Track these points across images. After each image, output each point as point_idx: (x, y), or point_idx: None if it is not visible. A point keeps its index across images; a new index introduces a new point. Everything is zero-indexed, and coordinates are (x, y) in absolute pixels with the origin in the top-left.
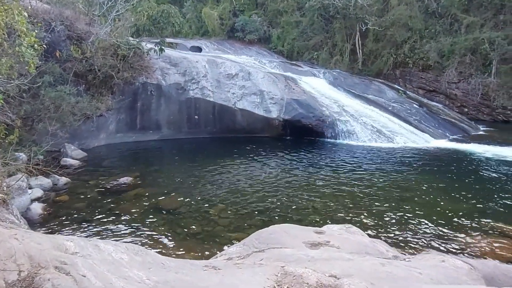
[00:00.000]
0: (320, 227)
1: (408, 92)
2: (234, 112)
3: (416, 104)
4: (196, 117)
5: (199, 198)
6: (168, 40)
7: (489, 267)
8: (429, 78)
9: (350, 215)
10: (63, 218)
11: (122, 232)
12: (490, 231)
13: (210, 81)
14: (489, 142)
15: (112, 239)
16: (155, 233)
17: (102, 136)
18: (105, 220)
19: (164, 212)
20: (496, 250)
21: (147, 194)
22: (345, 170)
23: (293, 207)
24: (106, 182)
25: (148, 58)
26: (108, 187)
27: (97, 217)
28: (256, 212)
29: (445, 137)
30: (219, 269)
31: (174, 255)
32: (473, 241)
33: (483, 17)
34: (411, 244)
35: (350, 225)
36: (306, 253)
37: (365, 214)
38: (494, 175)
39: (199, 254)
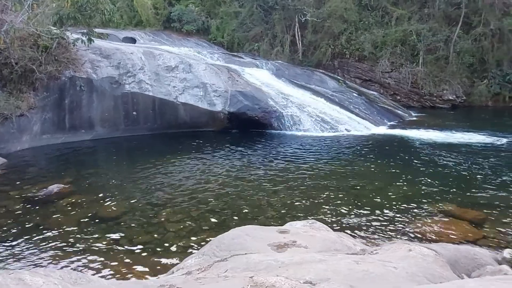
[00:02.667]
0: (279, 224)
1: (347, 81)
2: (176, 106)
3: (355, 93)
4: (134, 113)
5: (143, 202)
6: (98, 30)
7: (451, 251)
8: (364, 68)
9: (307, 208)
10: None
11: (55, 253)
12: (439, 213)
13: (148, 74)
14: (423, 127)
15: (43, 263)
16: (96, 249)
17: (25, 139)
18: (33, 239)
19: (105, 222)
20: (449, 231)
21: (82, 202)
22: (294, 162)
23: (248, 204)
24: (32, 192)
25: (75, 50)
26: (34, 197)
27: (22, 236)
28: (210, 213)
29: (384, 124)
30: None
31: (121, 275)
32: (426, 224)
33: (410, 10)
34: (372, 234)
35: (313, 220)
36: (275, 258)
37: (321, 206)
38: (432, 157)
39: (151, 268)
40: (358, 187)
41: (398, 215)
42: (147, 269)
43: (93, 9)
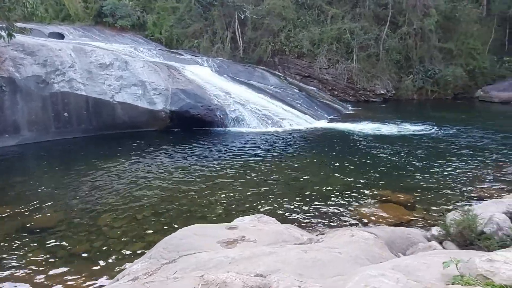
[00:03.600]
0: (227, 220)
1: (288, 78)
2: (113, 106)
3: (296, 89)
4: (65, 114)
5: (81, 209)
6: (19, 24)
7: (388, 233)
8: (303, 65)
9: (254, 203)
10: None
11: None
12: (376, 199)
13: (79, 72)
14: (359, 120)
15: None
16: (30, 263)
17: None
18: None
19: (38, 233)
20: (385, 215)
21: (10, 213)
22: (239, 159)
23: (194, 203)
24: None
25: None
26: None
27: None
28: (155, 216)
29: (324, 118)
30: None
31: None
32: (366, 210)
33: (343, 10)
34: (317, 223)
35: (261, 214)
36: (225, 255)
37: (268, 200)
38: (368, 148)
39: (94, 278)
40: (302, 180)
41: (339, 203)
42: (89, 280)
43: (13, 1)
